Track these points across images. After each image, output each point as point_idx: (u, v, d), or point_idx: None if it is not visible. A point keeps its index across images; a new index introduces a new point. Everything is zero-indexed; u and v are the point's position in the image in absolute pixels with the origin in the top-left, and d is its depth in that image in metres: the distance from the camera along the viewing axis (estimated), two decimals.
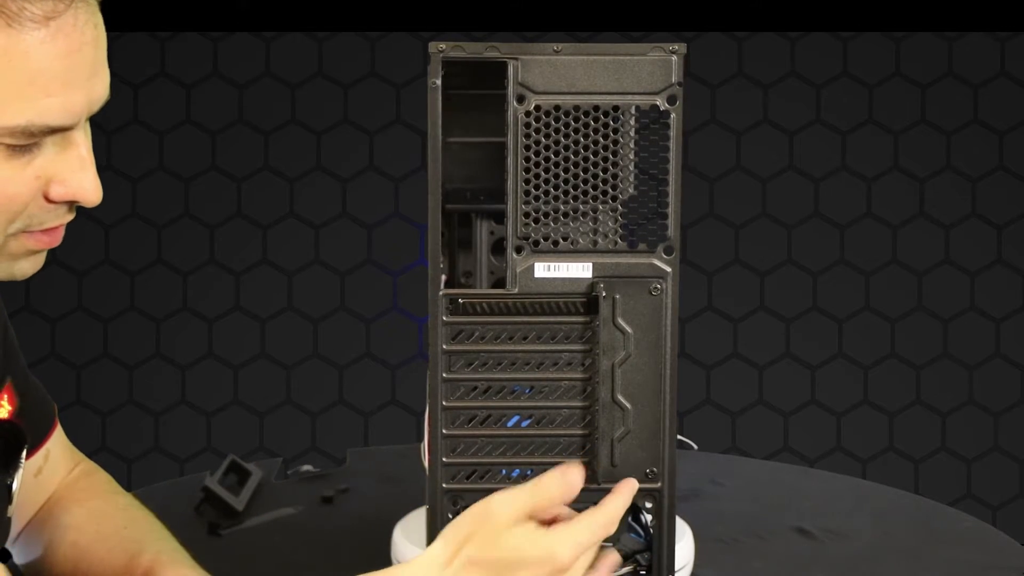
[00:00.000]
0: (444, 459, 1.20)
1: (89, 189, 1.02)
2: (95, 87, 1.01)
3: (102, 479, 1.34)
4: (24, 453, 1.18)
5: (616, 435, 1.19)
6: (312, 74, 3.05)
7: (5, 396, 1.20)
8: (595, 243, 1.18)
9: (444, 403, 1.20)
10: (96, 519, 1.28)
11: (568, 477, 1.06)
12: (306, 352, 3.06)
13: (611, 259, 1.18)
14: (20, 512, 1.28)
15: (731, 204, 3.05)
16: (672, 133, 1.17)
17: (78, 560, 1.25)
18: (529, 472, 1.20)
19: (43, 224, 1.03)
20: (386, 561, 1.36)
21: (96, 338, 3.05)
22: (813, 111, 3.05)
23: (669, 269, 1.18)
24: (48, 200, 1.02)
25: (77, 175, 1.02)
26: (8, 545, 1.30)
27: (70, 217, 1.05)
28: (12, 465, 1.16)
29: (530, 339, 1.19)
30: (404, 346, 3.05)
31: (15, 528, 1.30)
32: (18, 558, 1.30)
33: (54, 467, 1.31)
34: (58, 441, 1.32)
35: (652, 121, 1.17)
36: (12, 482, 1.16)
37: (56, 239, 1.05)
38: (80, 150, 1.02)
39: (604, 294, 1.18)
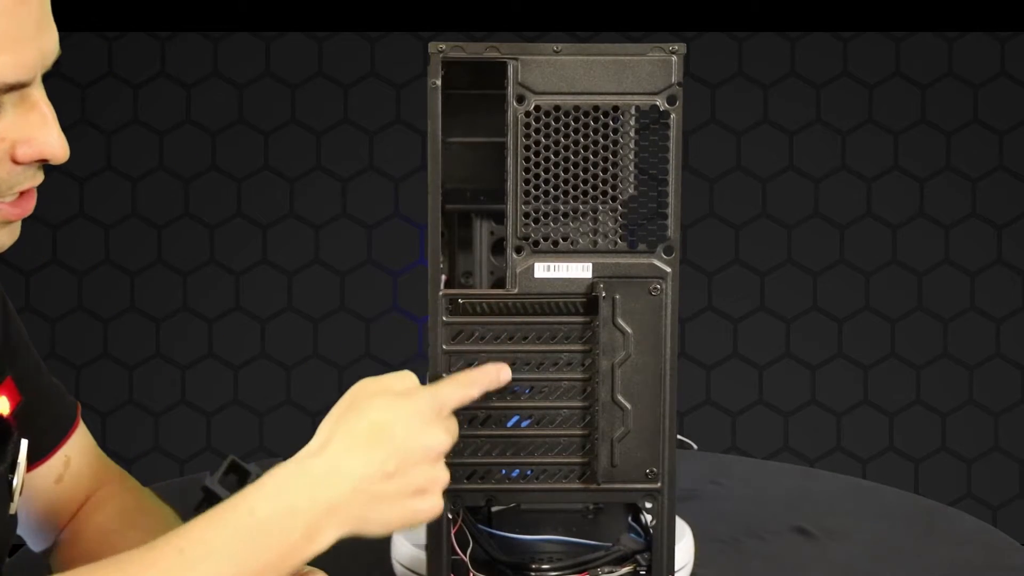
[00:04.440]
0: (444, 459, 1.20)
1: (55, 144, 1.02)
2: (45, 40, 1.00)
3: (147, 493, 1.32)
4: (21, 449, 1.16)
5: (616, 435, 1.19)
6: (312, 74, 3.05)
7: (4, 392, 1.18)
8: (595, 243, 1.18)
9: None
10: (129, 515, 1.27)
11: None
12: (306, 352, 3.06)
13: (611, 259, 1.18)
14: (45, 521, 1.27)
15: (731, 204, 3.05)
16: (672, 133, 1.17)
17: (100, 542, 1.23)
18: (529, 472, 1.21)
19: (13, 188, 1.03)
20: (386, 561, 1.36)
21: (96, 338, 3.05)
22: (813, 111, 3.05)
23: (669, 269, 1.18)
24: (15, 162, 1.01)
25: (41, 132, 1.01)
26: (37, 549, 1.29)
27: (40, 178, 1.04)
28: (1, 459, 1.15)
29: (530, 339, 1.19)
30: (404, 346, 3.05)
31: (45, 537, 1.28)
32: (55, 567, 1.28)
33: (77, 474, 1.28)
34: (81, 447, 1.29)
35: (652, 121, 1.17)
36: (13, 478, 1.15)
37: (28, 207, 1.04)
38: (41, 107, 1.02)
39: (604, 294, 1.18)
